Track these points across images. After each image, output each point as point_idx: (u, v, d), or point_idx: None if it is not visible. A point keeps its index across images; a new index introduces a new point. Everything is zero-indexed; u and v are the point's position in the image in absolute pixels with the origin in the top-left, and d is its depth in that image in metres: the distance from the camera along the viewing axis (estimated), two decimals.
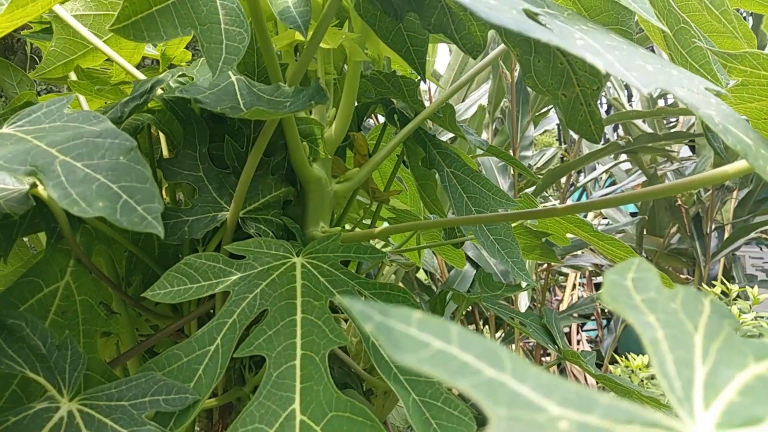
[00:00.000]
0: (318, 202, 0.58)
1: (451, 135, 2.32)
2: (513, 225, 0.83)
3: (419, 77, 0.59)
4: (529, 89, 2.16)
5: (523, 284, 0.82)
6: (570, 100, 0.45)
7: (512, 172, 2.27)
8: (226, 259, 0.44)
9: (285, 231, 0.56)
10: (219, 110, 0.40)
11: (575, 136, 2.51)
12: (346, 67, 0.64)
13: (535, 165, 2.48)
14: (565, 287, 2.74)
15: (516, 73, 2.07)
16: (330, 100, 0.60)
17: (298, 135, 0.53)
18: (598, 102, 0.44)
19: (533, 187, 2.18)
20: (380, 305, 0.16)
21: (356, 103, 0.69)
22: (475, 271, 2.19)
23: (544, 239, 0.92)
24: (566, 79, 0.45)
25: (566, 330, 2.63)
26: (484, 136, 2.44)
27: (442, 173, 0.69)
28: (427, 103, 0.71)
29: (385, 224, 0.90)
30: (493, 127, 2.78)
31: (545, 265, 2.49)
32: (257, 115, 0.40)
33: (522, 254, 0.91)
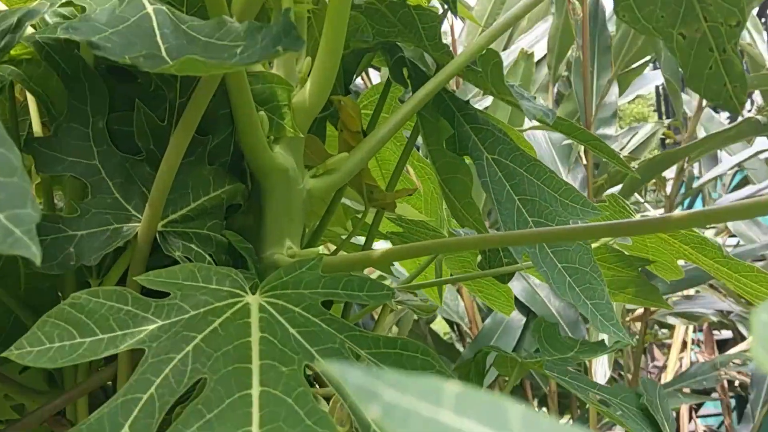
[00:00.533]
0: (282, 208, 0.58)
1: (488, 101, 2.34)
2: (593, 246, 0.83)
3: (445, 7, 0.60)
4: (610, 29, 2.18)
5: (605, 339, 0.82)
6: (692, 43, 0.45)
7: (584, 160, 2.28)
8: (138, 298, 0.44)
9: (230, 253, 0.56)
10: (128, 61, 0.40)
11: (688, 108, 2.53)
12: None
13: (620, 150, 2.50)
14: (669, 347, 2.74)
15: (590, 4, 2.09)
16: (304, 45, 0.60)
17: (251, 101, 0.53)
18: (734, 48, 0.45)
19: (618, 186, 2.19)
20: (389, 374, 0.16)
21: (344, 51, 0.70)
22: (524, 320, 2.20)
23: (641, 269, 0.92)
24: (686, 8, 0.45)
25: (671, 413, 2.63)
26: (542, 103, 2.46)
27: (480, 162, 0.69)
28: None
29: (386, 244, 0.90)
30: (554, 90, 2.81)
31: (639, 313, 2.49)
32: (190, 68, 0.40)
33: (608, 293, 0.92)
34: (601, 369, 1.95)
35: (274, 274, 0.47)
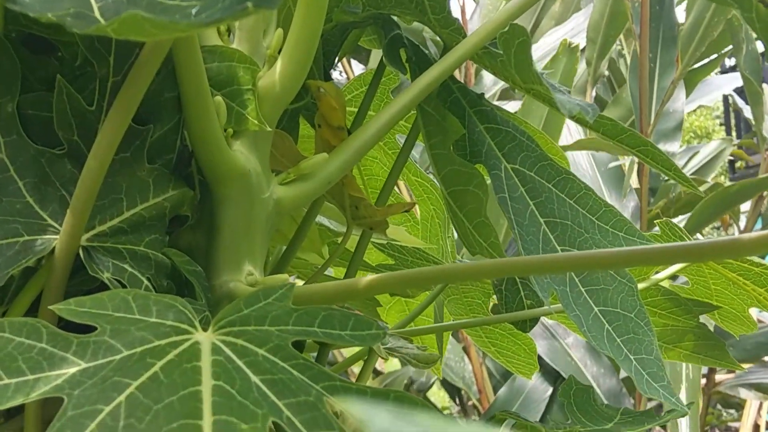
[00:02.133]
0: (242, 223, 0.58)
1: (514, 106, 2.35)
2: (640, 286, 0.84)
3: None
4: (676, 16, 2.20)
5: (655, 406, 0.83)
6: None
7: (639, 184, 2.29)
8: (56, 334, 0.44)
9: (173, 278, 0.56)
10: (52, 18, 0.41)
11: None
12: None
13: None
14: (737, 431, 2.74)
15: None
16: (279, 1, 0.61)
17: (205, 82, 0.54)
18: None
19: (681, 217, 2.20)
20: (420, 417, 0.17)
21: (325, 25, 0.71)
22: (551, 390, 2.20)
23: (700, 316, 0.93)
24: None
25: None
26: None
27: (497, 172, 0.70)
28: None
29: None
30: (592, 93, 2.84)
31: (705, 376, 2.48)
32: (131, 29, 0.41)
33: (659, 347, 0.93)
34: None
35: (232, 305, 0.48)
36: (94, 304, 0.46)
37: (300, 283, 0.88)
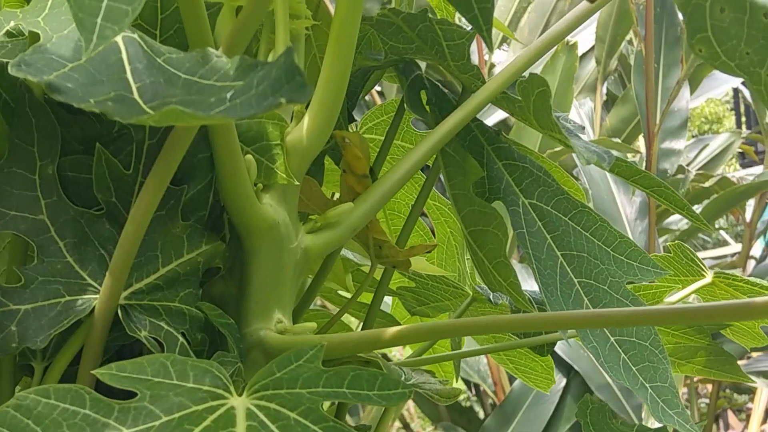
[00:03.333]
0: (272, 272, 0.59)
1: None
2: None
3: (479, 26, 0.61)
4: (679, 17, 2.20)
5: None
6: None
7: None
8: (99, 400, 0.45)
9: (206, 330, 0.57)
10: (94, 107, 0.42)
11: None
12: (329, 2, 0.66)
13: (688, 165, 2.52)
14: (748, 414, 2.74)
15: None
16: (299, 60, 0.62)
17: (237, 143, 0.55)
18: None
19: (685, 220, 2.20)
20: None
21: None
22: (564, 382, 2.20)
23: (712, 336, 0.94)
24: None
25: None
26: (587, 106, 2.49)
27: (515, 208, 0.71)
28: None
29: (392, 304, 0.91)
30: (603, 90, 2.83)
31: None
32: (171, 120, 0.42)
33: (672, 366, 0.94)
34: None
35: (266, 368, 0.48)
36: (135, 368, 0.47)
37: (330, 307, 0.89)
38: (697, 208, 2.47)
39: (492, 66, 2.42)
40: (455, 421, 2.89)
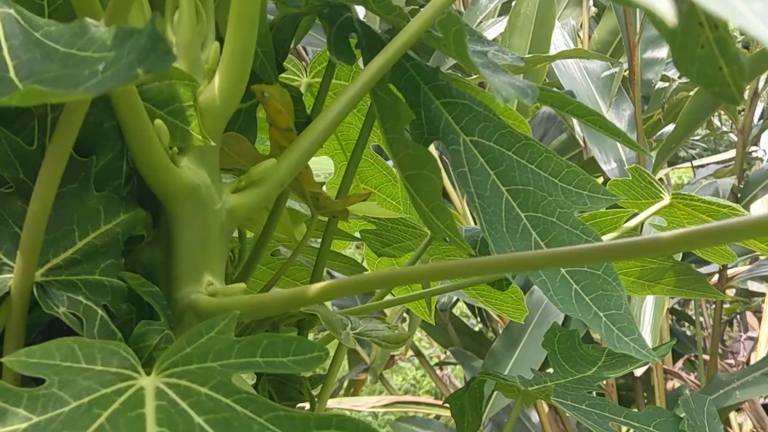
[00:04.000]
0: (197, 236, 0.58)
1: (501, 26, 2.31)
2: (609, 236, 0.84)
3: None
4: None
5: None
6: (679, 17, 0.45)
7: (634, 90, 2.26)
8: (6, 390, 0.44)
9: (132, 300, 0.56)
10: None
11: None
12: None
13: (676, 79, 2.47)
14: (761, 315, 2.73)
15: None
16: (207, 21, 0.60)
17: (140, 107, 0.53)
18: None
19: (671, 126, 2.17)
20: None
21: (275, 18, 0.69)
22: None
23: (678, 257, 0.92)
24: None
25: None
26: (569, 25, 2.43)
27: (455, 147, 0.69)
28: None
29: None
30: (590, 2, 2.77)
31: (713, 281, 2.47)
32: (37, 100, 0.40)
33: (633, 290, 0.93)
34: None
35: (175, 344, 0.47)
36: (43, 354, 0.46)
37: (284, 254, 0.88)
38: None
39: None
40: (466, 345, 2.90)
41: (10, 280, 0.52)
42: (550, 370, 0.88)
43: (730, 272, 2.56)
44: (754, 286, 2.87)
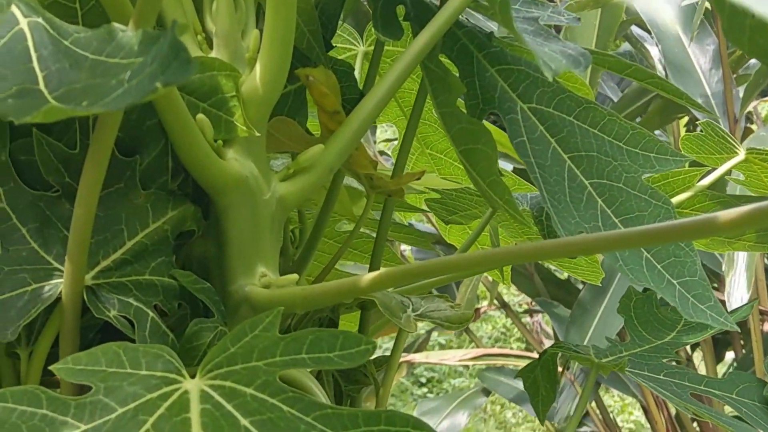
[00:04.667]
0: (247, 228, 0.58)
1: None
2: (683, 196, 0.81)
3: None
4: None
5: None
6: None
7: (718, 25, 2.18)
8: (54, 399, 0.45)
9: (184, 297, 0.56)
10: None
11: None
12: None
13: None
14: None
15: None
16: (246, 9, 0.59)
17: (180, 102, 0.52)
18: None
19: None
20: None
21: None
22: None
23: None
24: None
25: None
26: None
27: (513, 116, 0.67)
28: None
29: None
30: None
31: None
32: (58, 116, 0.40)
33: (713, 247, 0.89)
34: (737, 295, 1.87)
35: (219, 345, 0.47)
36: (90, 360, 0.46)
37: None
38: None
39: None
40: (553, 295, 2.88)
41: (61, 285, 0.53)
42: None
43: None
44: None
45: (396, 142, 0.93)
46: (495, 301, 2.99)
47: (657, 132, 2.70)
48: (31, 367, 0.55)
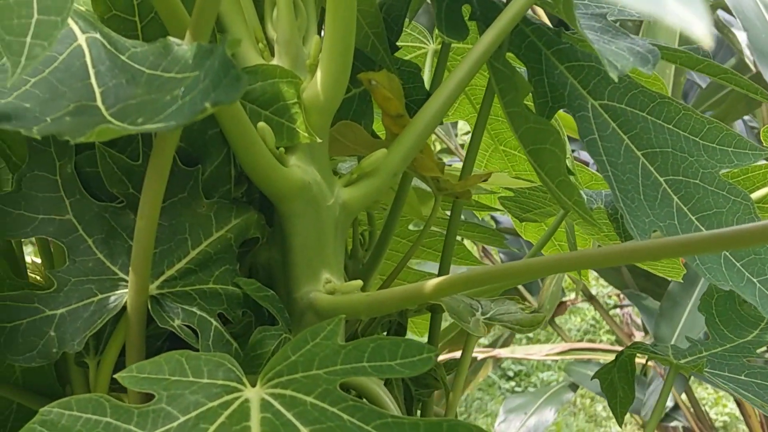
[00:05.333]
0: (311, 234, 0.58)
1: None
2: (761, 193, 0.78)
3: None
4: None
5: None
6: None
7: None
8: (118, 407, 0.45)
9: (248, 305, 0.57)
10: (35, 134, 0.41)
11: None
12: None
13: None
14: None
15: None
16: (307, 15, 0.59)
17: (241, 111, 0.53)
18: None
19: None
20: None
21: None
22: None
23: None
24: None
25: None
26: None
27: (584, 113, 0.66)
28: None
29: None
30: None
31: None
32: (109, 134, 0.40)
33: None
34: None
35: (280, 353, 0.47)
36: (153, 368, 0.47)
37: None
38: None
39: None
40: (642, 287, 2.83)
41: (126, 296, 0.53)
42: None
43: None
44: None
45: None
46: (581, 294, 2.95)
47: (746, 117, 2.63)
48: (100, 376, 0.56)
